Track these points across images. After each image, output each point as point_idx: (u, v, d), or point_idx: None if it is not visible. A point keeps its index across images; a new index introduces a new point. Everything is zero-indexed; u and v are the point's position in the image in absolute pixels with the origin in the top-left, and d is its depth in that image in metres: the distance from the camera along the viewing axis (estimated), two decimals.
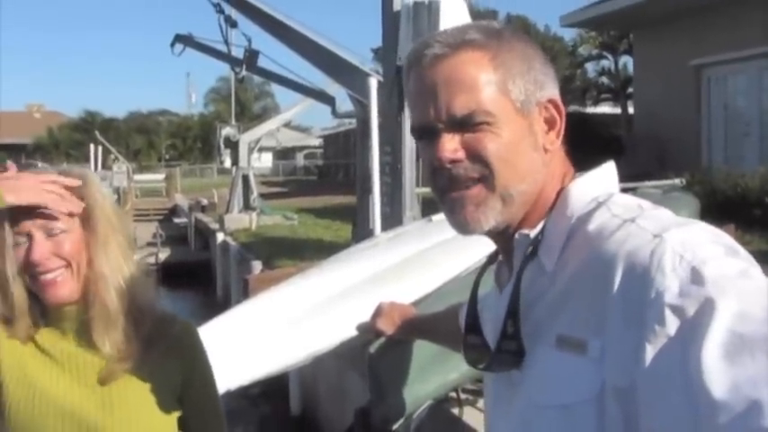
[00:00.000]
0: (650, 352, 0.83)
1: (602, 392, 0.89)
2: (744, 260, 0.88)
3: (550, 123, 1.08)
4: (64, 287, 1.47)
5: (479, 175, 1.03)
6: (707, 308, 0.81)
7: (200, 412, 1.62)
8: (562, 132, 1.09)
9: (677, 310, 0.83)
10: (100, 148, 30.90)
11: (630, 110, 21.98)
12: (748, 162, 12.66)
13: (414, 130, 1.10)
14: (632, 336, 0.85)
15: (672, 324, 0.83)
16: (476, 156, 1.02)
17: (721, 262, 0.86)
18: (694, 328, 0.81)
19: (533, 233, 1.03)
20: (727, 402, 0.77)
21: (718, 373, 0.78)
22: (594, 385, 0.89)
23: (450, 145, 1.03)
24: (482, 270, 1.23)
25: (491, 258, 1.20)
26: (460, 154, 1.03)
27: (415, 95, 1.08)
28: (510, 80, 1.04)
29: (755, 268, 0.87)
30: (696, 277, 0.84)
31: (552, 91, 1.09)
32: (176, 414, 1.57)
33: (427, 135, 1.06)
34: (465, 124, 1.02)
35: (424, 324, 1.81)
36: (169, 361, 1.56)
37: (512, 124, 1.03)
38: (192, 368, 1.60)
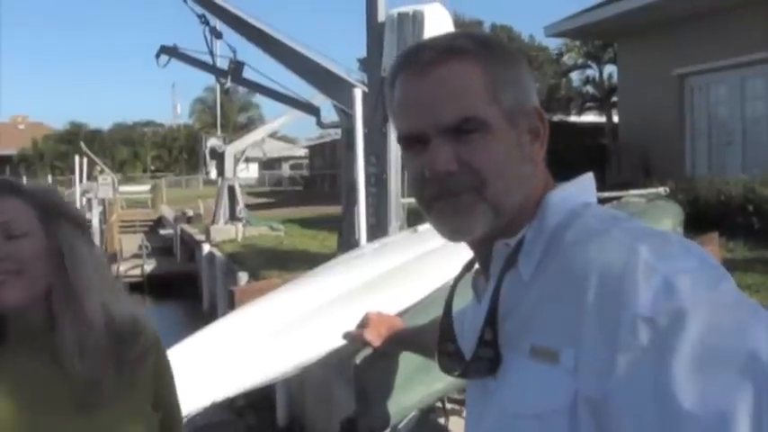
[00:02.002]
0: (622, 363, 0.83)
1: (574, 403, 0.88)
2: (716, 272, 0.88)
3: (535, 133, 1.06)
4: (9, 292, 1.32)
5: (472, 185, 1.00)
6: (678, 319, 0.82)
7: (168, 413, 1.56)
8: (546, 143, 1.08)
9: (649, 322, 0.83)
10: (85, 160, 30.68)
11: (615, 119, 22.10)
12: (731, 170, 12.75)
13: (401, 139, 1.06)
14: (605, 347, 0.85)
15: (643, 335, 0.83)
16: (469, 166, 1.00)
17: (693, 274, 0.86)
18: (665, 339, 0.81)
19: (513, 242, 1.02)
20: (696, 414, 0.77)
21: (687, 385, 0.78)
22: (567, 395, 0.89)
23: (444, 156, 1.00)
24: (458, 278, 1.22)
25: (467, 267, 1.20)
26: (454, 165, 1.00)
27: (404, 102, 1.05)
28: (500, 88, 1.02)
29: (728, 279, 0.88)
30: (668, 289, 0.84)
31: (536, 100, 1.08)
32: (156, 425, 1.50)
33: (417, 143, 1.03)
34: (458, 132, 1.00)
35: (410, 336, 1.80)
36: (142, 371, 1.47)
37: (502, 134, 1.01)
38: (163, 371, 1.56)
